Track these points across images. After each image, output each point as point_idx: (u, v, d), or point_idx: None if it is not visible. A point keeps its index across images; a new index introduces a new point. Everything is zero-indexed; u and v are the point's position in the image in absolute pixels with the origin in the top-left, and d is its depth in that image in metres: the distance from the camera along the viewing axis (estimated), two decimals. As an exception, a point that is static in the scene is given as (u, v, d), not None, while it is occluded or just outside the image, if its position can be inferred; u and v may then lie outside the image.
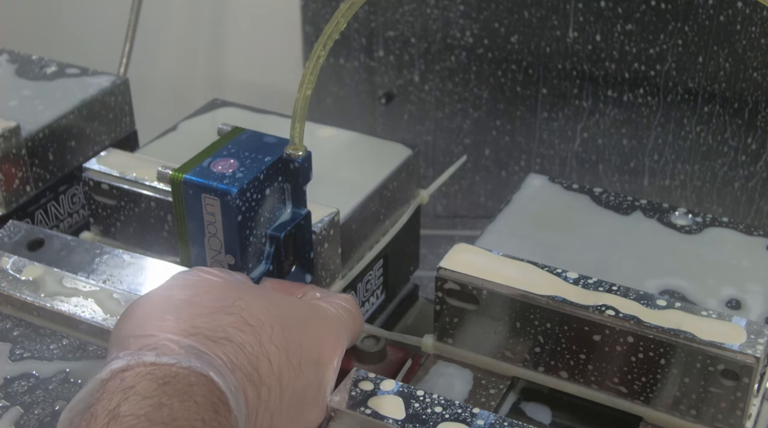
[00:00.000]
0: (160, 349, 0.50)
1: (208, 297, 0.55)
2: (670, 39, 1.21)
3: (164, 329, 0.51)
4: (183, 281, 0.57)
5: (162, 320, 0.52)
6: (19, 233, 0.74)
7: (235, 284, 0.57)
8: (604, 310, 0.61)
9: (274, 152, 0.65)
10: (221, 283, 0.57)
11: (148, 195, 0.74)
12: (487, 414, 0.58)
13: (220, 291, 0.56)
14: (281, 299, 0.59)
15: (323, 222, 0.70)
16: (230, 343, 0.52)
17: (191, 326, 0.52)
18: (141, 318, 0.53)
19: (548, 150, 1.36)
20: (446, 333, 0.67)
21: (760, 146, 1.22)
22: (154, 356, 0.49)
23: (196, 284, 0.56)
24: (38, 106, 0.85)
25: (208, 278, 0.57)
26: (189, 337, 0.51)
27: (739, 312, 0.66)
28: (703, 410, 0.60)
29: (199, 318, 0.53)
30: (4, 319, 0.68)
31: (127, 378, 0.48)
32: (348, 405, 0.58)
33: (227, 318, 0.53)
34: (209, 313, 0.53)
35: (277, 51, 1.56)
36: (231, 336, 0.52)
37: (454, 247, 0.67)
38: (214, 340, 0.52)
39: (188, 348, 0.51)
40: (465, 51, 1.33)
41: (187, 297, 0.55)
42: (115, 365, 0.49)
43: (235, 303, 0.55)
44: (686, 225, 0.74)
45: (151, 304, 0.54)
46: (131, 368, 0.49)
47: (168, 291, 0.56)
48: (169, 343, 0.50)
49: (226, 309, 0.54)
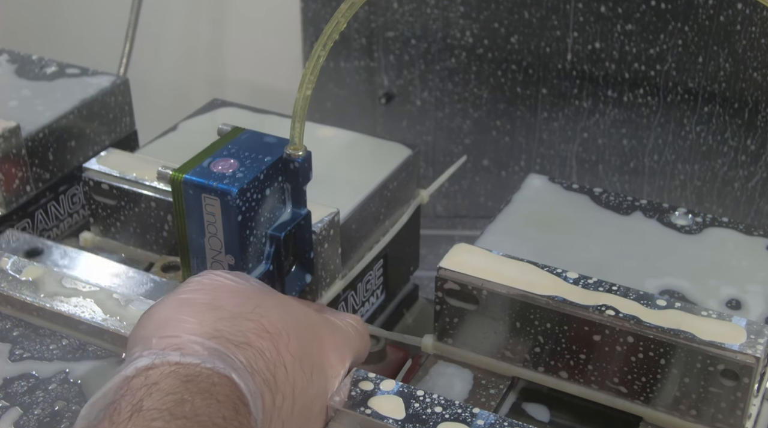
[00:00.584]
0: (184, 349, 0.51)
1: (229, 301, 0.56)
2: (670, 39, 1.21)
3: (188, 331, 0.52)
4: (201, 285, 0.57)
5: (185, 322, 0.53)
6: (17, 242, 0.74)
7: (254, 290, 0.58)
8: (604, 310, 0.61)
9: (274, 152, 0.65)
10: (240, 288, 0.57)
11: (148, 195, 0.74)
12: (487, 414, 0.58)
13: (239, 297, 0.56)
14: (297, 309, 0.59)
15: (323, 223, 0.70)
16: (251, 348, 0.53)
17: (214, 329, 0.53)
18: (163, 320, 0.54)
19: (548, 150, 1.36)
20: (446, 333, 0.67)
21: (760, 146, 1.22)
22: (178, 355, 0.50)
23: (216, 288, 0.57)
24: (38, 106, 0.85)
25: (226, 282, 0.58)
26: (212, 339, 0.52)
27: (739, 312, 0.66)
28: (703, 410, 0.60)
29: (221, 322, 0.53)
30: (4, 319, 0.68)
31: (152, 375, 0.49)
32: (348, 405, 0.58)
33: (247, 323, 0.54)
34: (230, 318, 0.54)
35: (277, 51, 1.56)
36: (251, 342, 0.53)
37: (454, 247, 0.67)
38: (236, 344, 0.53)
39: (211, 350, 0.51)
40: (465, 51, 1.33)
41: (208, 300, 0.55)
42: (141, 363, 0.50)
43: (254, 309, 0.56)
44: (686, 225, 0.74)
45: (173, 307, 0.55)
46: (156, 366, 0.50)
47: (188, 294, 0.56)
48: (193, 344, 0.51)
49: (246, 315, 0.55)
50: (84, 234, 0.79)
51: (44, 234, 0.85)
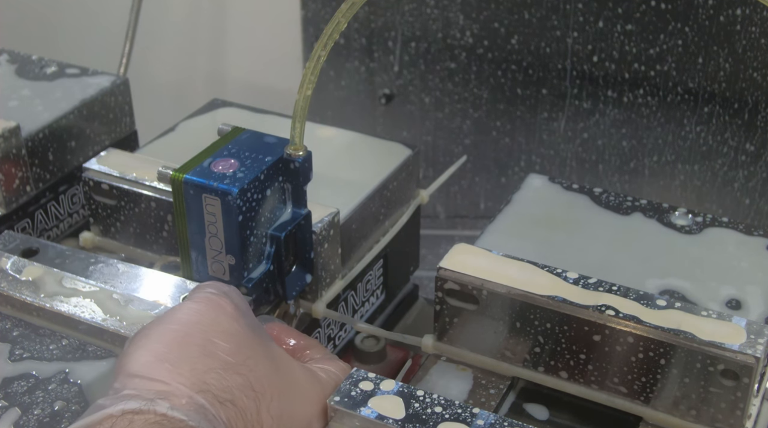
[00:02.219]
0: (172, 401, 0.52)
1: (222, 348, 0.56)
2: (670, 39, 1.21)
3: (177, 379, 0.53)
4: (199, 315, 0.57)
5: (177, 367, 0.54)
6: (14, 242, 0.74)
7: (248, 338, 0.58)
8: (604, 310, 0.61)
9: (275, 152, 0.65)
10: (235, 332, 0.57)
11: (148, 195, 0.74)
12: (487, 414, 0.58)
13: (233, 344, 0.57)
14: (286, 366, 0.59)
15: (323, 223, 0.70)
16: (234, 407, 0.54)
17: (203, 381, 0.54)
18: (154, 358, 0.54)
19: (548, 150, 1.36)
20: (446, 333, 0.67)
21: (760, 146, 1.22)
22: (166, 407, 0.51)
23: (212, 324, 0.57)
24: (38, 106, 0.85)
25: (222, 319, 0.58)
26: (200, 394, 0.53)
27: (739, 312, 0.66)
28: (703, 410, 0.60)
29: (211, 374, 0.54)
30: (3, 319, 0.68)
31: (136, 421, 0.50)
32: (348, 405, 0.58)
33: (236, 378, 0.55)
34: (221, 369, 0.55)
35: (277, 51, 1.56)
36: (236, 400, 0.54)
37: (454, 247, 0.67)
38: (221, 402, 0.54)
39: (197, 406, 0.52)
40: (465, 51, 1.33)
41: (201, 342, 0.56)
42: (128, 406, 0.51)
43: (245, 362, 0.56)
44: (686, 225, 0.74)
45: (166, 342, 0.55)
46: (143, 412, 0.50)
47: (184, 327, 0.56)
48: (181, 397, 0.52)
49: (236, 368, 0.56)
50: (84, 234, 0.79)
51: (44, 234, 0.85)
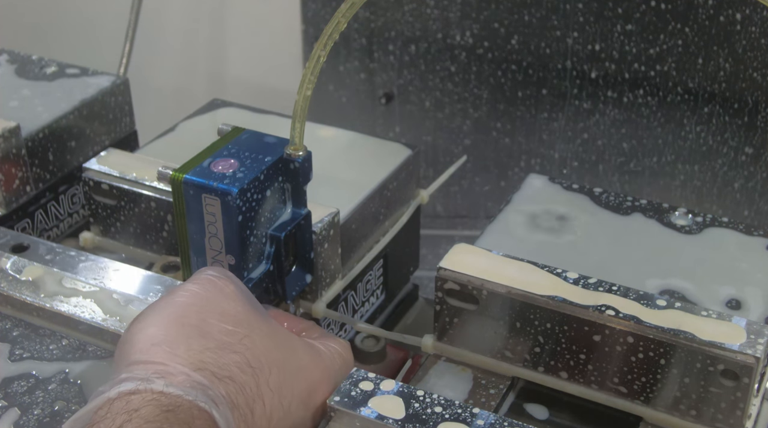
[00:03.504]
0: (169, 378, 0.51)
1: (218, 328, 0.56)
2: (670, 39, 1.21)
3: (174, 359, 0.53)
4: (194, 297, 0.57)
5: (173, 348, 0.53)
6: (4, 238, 0.74)
7: (245, 317, 0.58)
8: (604, 310, 0.61)
9: (275, 152, 0.65)
10: (231, 311, 0.57)
11: (148, 195, 0.74)
12: (487, 414, 0.58)
13: (229, 322, 0.57)
14: (284, 340, 0.59)
15: (323, 223, 0.70)
16: (233, 383, 0.54)
17: (199, 360, 0.53)
18: (150, 343, 0.54)
19: (548, 150, 1.36)
20: (446, 333, 0.67)
21: (760, 146, 1.22)
22: (162, 384, 0.51)
23: (207, 303, 0.57)
24: (38, 106, 0.85)
25: (219, 298, 0.58)
26: (197, 371, 0.53)
27: (739, 313, 0.66)
28: (703, 410, 0.60)
29: (207, 353, 0.54)
30: (3, 319, 0.68)
31: (133, 400, 0.50)
32: (348, 405, 0.58)
33: (233, 356, 0.55)
34: (217, 348, 0.55)
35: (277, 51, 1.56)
36: (234, 376, 0.54)
37: (454, 247, 0.67)
38: (220, 378, 0.53)
39: (195, 382, 0.52)
40: (465, 51, 1.33)
41: (198, 322, 0.55)
42: (124, 387, 0.51)
43: (242, 341, 0.56)
44: (686, 225, 0.74)
45: (163, 326, 0.55)
46: (139, 392, 0.50)
47: (180, 309, 0.56)
48: (178, 374, 0.52)
49: (233, 347, 0.55)
50: (84, 234, 0.79)
51: (44, 234, 0.85)
